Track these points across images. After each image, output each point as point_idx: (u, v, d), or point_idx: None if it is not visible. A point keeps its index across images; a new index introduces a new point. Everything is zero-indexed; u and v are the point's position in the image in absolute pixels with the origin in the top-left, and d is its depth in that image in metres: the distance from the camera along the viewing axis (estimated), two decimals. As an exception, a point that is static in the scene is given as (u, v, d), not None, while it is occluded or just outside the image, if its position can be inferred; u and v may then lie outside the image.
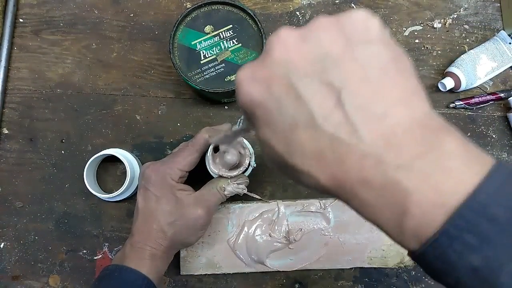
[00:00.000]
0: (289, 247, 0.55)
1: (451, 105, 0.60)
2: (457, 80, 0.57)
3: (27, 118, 0.59)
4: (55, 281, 0.57)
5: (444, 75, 0.59)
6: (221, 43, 0.53)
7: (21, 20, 0.61)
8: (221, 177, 0.48)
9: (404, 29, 0.62)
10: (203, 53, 0.53)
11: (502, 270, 0.18)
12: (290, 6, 0.62)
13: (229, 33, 0.53)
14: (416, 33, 0.62)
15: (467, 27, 0.62)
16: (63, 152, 0.59)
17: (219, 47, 0.53)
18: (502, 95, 0.59)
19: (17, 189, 0.58)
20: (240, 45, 0.53)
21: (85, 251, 0.57)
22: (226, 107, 0.60)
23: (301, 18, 0.62)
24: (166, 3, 0.62)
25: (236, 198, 0.55)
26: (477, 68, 0.57)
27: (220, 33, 0.53)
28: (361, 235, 0.55)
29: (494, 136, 0.60)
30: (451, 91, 0.59)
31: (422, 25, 0.62)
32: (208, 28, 0.53)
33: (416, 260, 0.21)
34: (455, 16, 0.62)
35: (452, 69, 0.58)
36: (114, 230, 0.58)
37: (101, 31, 0.61)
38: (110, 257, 0.57)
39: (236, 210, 0.56)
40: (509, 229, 0.18)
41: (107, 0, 0.62)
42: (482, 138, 0.60)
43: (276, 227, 0.55)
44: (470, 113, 0.60)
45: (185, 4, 0.62)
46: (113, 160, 0.58)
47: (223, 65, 0.53)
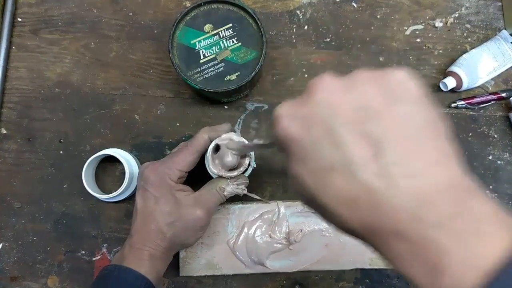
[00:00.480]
0: (290, 248, 0.55)
1: (453, 104, 0.59)
2: (459, 80, 0.57)
3: (25, 118, 0.59)
4: (53, 282, 0.56)
5: (446, 74, 0.59)
6: (220, 42, 0.52)
7: (19, 19, 0.61)
8: (220, 177, 0.48)
9: (405, 28, 0.61)
10: (202, 52, 0.52)
11: None
12: (290, 5, 0.61)
13: (229, 32, 0.52)
14: (417, 32, 0.61)
15: (468, 26, 0.61)
16: (61, 152, 0.58)
17: (218, 46, 0.52)
18: (504, 94, 0.59)
19: (15, 189, 0.58)
20: (240, 44, 0.52)
21: (83, 252, 0.57)
22: (226, 106, 0.59)
23: (301, 17, 0.61)
24: (165, 2, 0.61)
25: (236, 199, 0.54)
26: (478, 68, 0.57)
27: (220, 32, 0.53)
28: (362, 236, 0.55)
29: (495, 136, 0.60)
30: (452, 90, 0.59)
31: (423, 24, 0.61)
32: (207, 27, 0.53)
33: None
34: (456, 15, 0.62)
35: (454, 68, 0.58)
36: (113, 231, 0.57)
37: (99, 30, 0.60)
38: (109, 258, 0.57)
39: (236, 211, 0.55)
40: None
41: (106, -1, 0.61)
42: (483, 138, 0.60)
43: (276, 228, 0.55)
44: (471, 112, 0.60)
45: (184, 3, 0.61)
46: (112, 160, 0.57)
47: (222, 64, 0.52)
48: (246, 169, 0.48)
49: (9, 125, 0.59)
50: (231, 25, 0.53)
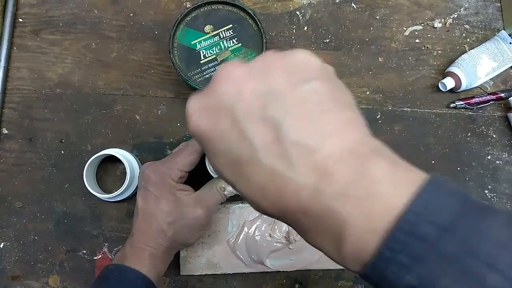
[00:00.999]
0: (289, 247, 0.55)
1: (452, 105, 0.60)
2: (458, 80, 0.57)
3: (27, 118, 0.59)
4: (54, 281, 0.57)
5: (445, 75, 0.59)
6: (221, 42, 0.53)
7: (20, 20, 0.61)
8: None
9: (404, 29, 0.62)
10: (203, 52, 0.53)
11: (435, 286, 0.18)
12: (290, 5, 0.62)
13: (229, 32, 0.53)
14: (416, 33, 0.62)
15: (467, 27, 0.62)
16: (62, 152, 0.59)
17: (219, 46, 0.53)
18: (503, 95, 0.59)
19: (16, 189, 0.58)
20: (240, 44, 0.53)
21: (84, 251, 0.57)
22: (226, 107, 0.60)
23: (301, 17, 0.61)
24: (166, 3, 0.61)
25: (236, 198, 0.54)
26: (477, 68, 0.57)
27: (220, 33, 0.53)
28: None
29: (494, 136, 0.60)
30: (451, 91, 0.59)
31: (422, 25, 0.62)
32: (208, 28, 0.53)
33: (364, 279, 0.21)
34: (455, 16, 0.62)
35: (453, 69, 0.58)
36: (114, 230, 0.58)
37: (100, 30, 0.61)
38: (110, 257, 0.57)
39: (236, 210, 0.56)
40: (438, 245, 0.18)
41: (106, 0, 0.61)
42: (482, 138, 0.60)
43: (276, 227, 0.55)
44: (470, 113, 0.60)
45: (185, 4, 0.61)
46: (113, 160, 0.58)
47: (223, 65, 0.53)
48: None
49: (11, 125, 0.59)
50: (231, 26, 0.53)
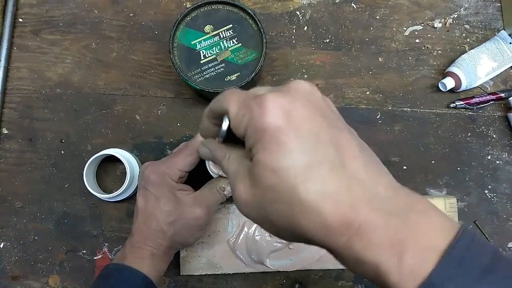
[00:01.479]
0: (289, 247, 0.55)
1: (452, 105, 0.60)
2: (458, 80, 0.57)
3: (27, 118, 0.59)
4: (54, 281, 0.57)
5: (445, 75, 0.59)
6: (221, 42, 0.53)
7: (20, 20, 0.61)
8: (221, 177, 0.48)
9: (404, 29, 0.62)
10: (203, 53, 0.53)
11: None
12: (290, 5, 0.62)
13: (229, 32, 0.53)
14: (416, 33, 0.62)
15: (467, 27, 0.62)
16: (62, 152, 0.59)
17: (219, 46, 0.53)
18: (503, 95, 0.59)
19: (16, 189, 0.58)
20: (240, 44, 0.53)
21: (84, 251, 0.57)
22: (226, 107, 0.60)
23: (301, 17, 0.61)
24: (166, 3, 0.61)
25: (236, 198, 0.54)
26: (477, 68, 0.57)
27: (220, 33, 0.53)
28: (361, 235, 0.55)
29: (494, 136, 0.60)
30: (451, 91, 0.59)
31: (422, 25, 0.62)
32: (208, 28, 0.53)
33: None
34: (455, 16, 0.62)
35: (453, 69, 0.58)
36: (114, 230, 0.58)
37: (100, 30, 0.61)
38: (110, 257, 0.57)
39: (236, 210, 0.56)
40: None
41: (106, 0, 0.61)
42: (482, 138, 0.60)
43: (276, 227, 0.55)
44: (470, 113, 0.60)
45: (185, 4, 0.62)
46: (113, 160, 0.58)
47: (223, 65, 0.53)
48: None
49: (11, 125, 0.59)
50: (231, 26, 0.53)
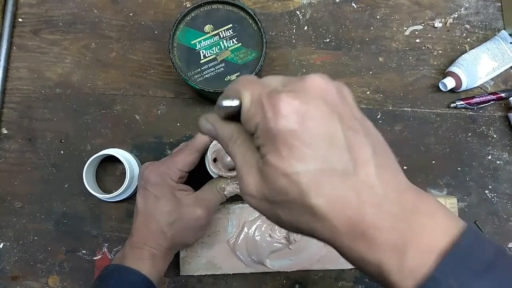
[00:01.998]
0: (289, 248, 0.55)
1: (452, 105, 0.60)
2: (458, 80, 0.57)
3: (26, 118, 0.59)
4: (54, 282, 0.57)
5: (445, 74, 0.59)
6: (220, 42, 0.53)
7: (20, 20, 0.61)
8: (221, 177, 0.48)
9: (405, 28, 0.61)
10: (202, 52, 0.53)
11: None
12: (290, 5, 0.62)
13: (229, 32, 0.53)
14: (417, 32, 0.61)
15: (468, 26, 0.62)
16: (62, 152, 0.59)
17: (218, 46, 0.53)
18: (503, 95, 0.59)
19: (16, 189, 0.58)
20: (240, 44, 0.53)
21: (84, 251, 0.57)
22: (226, 107, 0.59)
23: (301, 17, 0.61)
24: (166, 2, 0.61)
25: (236, 199, 0.54)
26: (478, 68, 0.57)
27: (220, 33, 0.53)
28: (362, 235, 0.55)
29: (495, 136, 0.60)
30: (452, 91, 0.59)
31: (423, 24, 0.62)
32: (207, 28, 0.53)
33: None
34: (456, 16, 0.62)
35: (453, 68, 0.58)
36: (114, 231, 0.57)
37: (100, 30, 0.61)
38: (110, 257, 0.57)
39: (236, 210, 0.56)
40: None
41: (106, 0, 0.61)
42: (483, 138, 0.60)
43: (276, 228, 0.55)
44: (471, 113, 0.60)
45: (184, 4, 0.61)
46: (113, 160, 0.58)
47: (223, 64, 0.53)
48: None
49: (10, 125, 0.59)
50: (231, 25, 0.53)
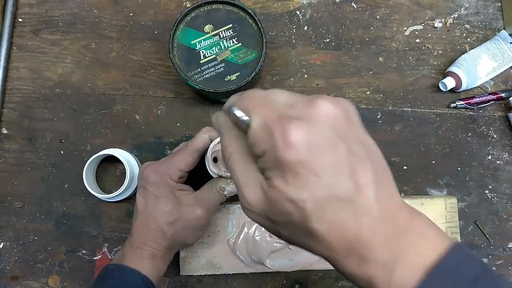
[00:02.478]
0: (289, 248, 0.55)
1: (452, 105, 0.60)
2: (458, 80, 0.57)
3: (26, 118, 0.59)
4: (54, 282, 0.57)
5: (445, 74, 0.59)
6: (220, 42, 0.53)
7: (20, 20, 0.61)
8: (220, 177, 0.48)
9: (405, 28, 0.61)
10: (202, 52, 0.53)
11: None
12: (290, 5, 0.62)
13: (229, 32, 0.53)
14: (417, 32, 0.61)
15: (468, 26, 0.62)
16: (62, 152, 0.59)
17: (219, 46, 0.53)
18: (503, 95, 0.59)
19: (16, 189, 0.58)
20: (240, 44, 0.53)
21: (84, 251, 0.57)
22: (226, 107, 0.59)
23: (301, 17, 0.61)
24: (166, 3, 0.61)
25: (236, 199, 0.54)
26: (478, 68, 0.57)
27: (220, 33, 0.53)
28: (362, 235, 0.55)
29: (495, 136, 0.60)
30: (452, 91, 0.59)
31: (423, 24, 0.62)
32: (207, 28, 0.53)
33: None
34: (456, 16, 0.62)
35: (453, 68, 0.58)
36: (114, 231, 0.57)
37: (100, 30, 0.61)
38: (110, 257, 0.57)
39: (236, 210, 0.56)
40: None
41: (106, 0, 0.61)
42: (483, 138, 0.60)
43: (276, 228, 0.55)
44: (471, 113, 0.60)
45: (184, 4, 0.61)
46: (113, 160, 0.58)
47: (223, 64, 0.53)
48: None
49: (10, 125, 0.59)
50: (231, 25, 0.53)
